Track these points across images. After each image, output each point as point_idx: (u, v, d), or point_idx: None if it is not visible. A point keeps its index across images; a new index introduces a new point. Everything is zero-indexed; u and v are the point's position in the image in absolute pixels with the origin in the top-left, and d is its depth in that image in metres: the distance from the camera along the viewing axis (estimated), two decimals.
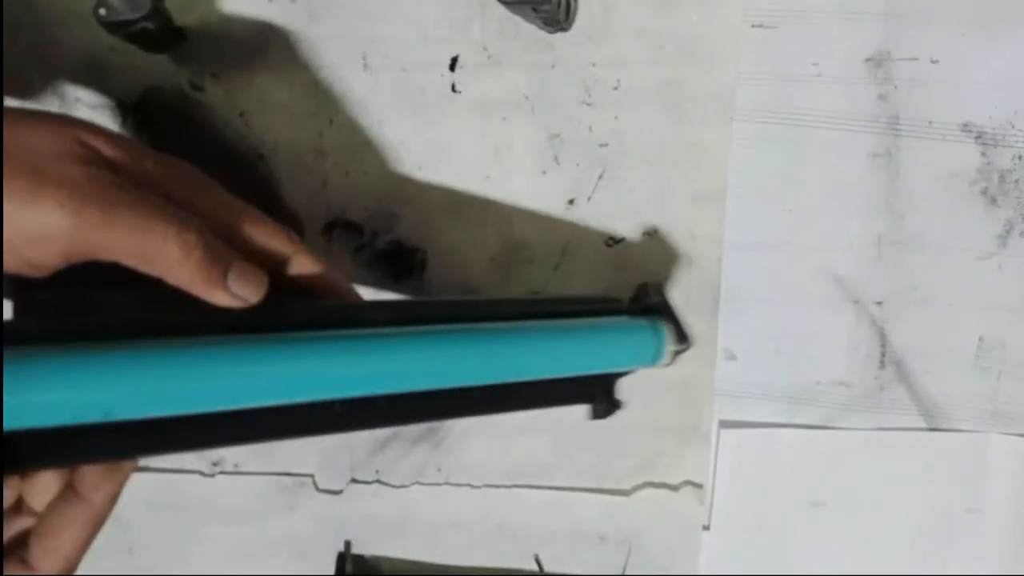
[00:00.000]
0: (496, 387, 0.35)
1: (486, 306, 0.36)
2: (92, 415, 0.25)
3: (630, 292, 0.44)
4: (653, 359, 0.40)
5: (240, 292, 0.28)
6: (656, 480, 0.49)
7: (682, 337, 0.42)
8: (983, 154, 0.44)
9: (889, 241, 0.45)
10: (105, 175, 0.26)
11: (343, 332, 0.31)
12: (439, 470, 0.50)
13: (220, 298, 0.28)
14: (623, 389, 0.46)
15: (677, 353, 0.42)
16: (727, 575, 0.50)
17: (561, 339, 0.37)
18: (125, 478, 0.31)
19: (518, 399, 0.37)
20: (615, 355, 0.39)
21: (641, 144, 0.45)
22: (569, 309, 0.39)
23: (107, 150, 0.27)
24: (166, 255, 0.26)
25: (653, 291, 0.42)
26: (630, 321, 0.40)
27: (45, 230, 0.25)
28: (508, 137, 0.45)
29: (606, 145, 0.45)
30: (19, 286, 0.26)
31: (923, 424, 0.47)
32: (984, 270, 0.45)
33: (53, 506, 0.30)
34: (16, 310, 0.26)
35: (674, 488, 0.49)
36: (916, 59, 0.43)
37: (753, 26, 0.43)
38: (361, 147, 0.45)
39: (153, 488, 0.52)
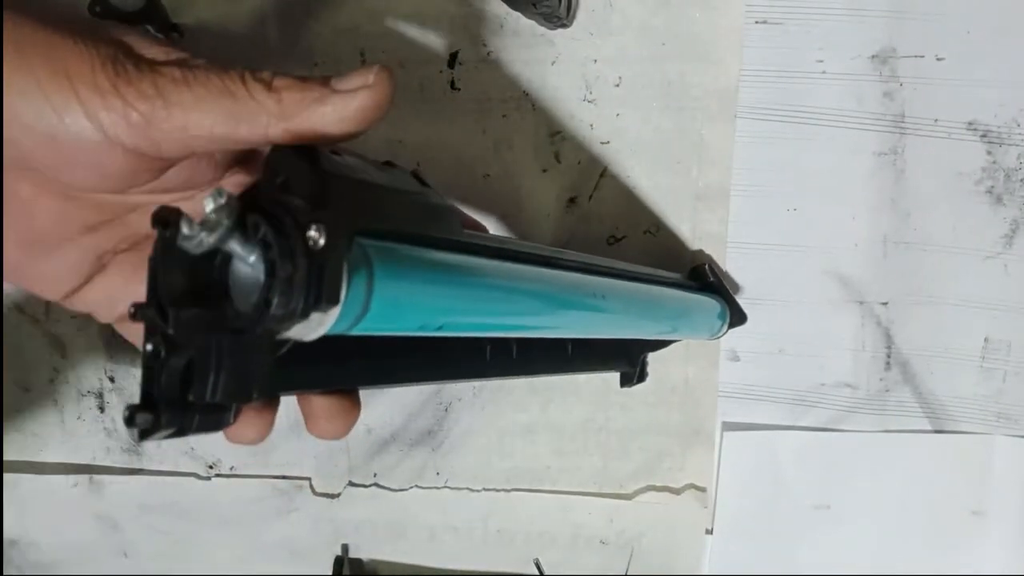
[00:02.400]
0: (581, 344, 0.37)
1: (606, 261, 0.38)
2: (432, 325, 0.24)
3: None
4: (714, 332, 0.44)
5: (353, 84, 0.24)
6: (658, 483, 0.49)
7: (739, 316, 0.44)
8: (989, 152, 0.43)
9: (894, 241, 0.45)
10: (179, 53, 0.24)
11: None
12: (438, 473, 0.50)
13: (338, 105, 0.24)
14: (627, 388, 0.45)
15: (729, 328, 0.44)
16: None
17: (677, 304, 0.40)
18: None
19: (584, 361, 0.39)
20: (699, 323, 0.42)
21: (643, 142, 0.44)
22: (658, 276, 0.41)
23: (148, 44, 0.25)
24: (254, 95, 0.23)
25: (711, 271, 0.44)
26: (705, 298, 0.43)
27: (131, 115, 0.22)
28: (508, 134, 0.44)
29: (608, 143, 0.44)
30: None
31: (928, 426, 0.47)
32: (990, 270, 0.45)
33: None
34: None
35: (677, 491, 0.49)
36: (922, 56, 0.42)
37: (756, 22, 0.42)
38: (358, 144, 0.44)
39: (148, 491, 0.51)
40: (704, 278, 0.44)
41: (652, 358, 0.45)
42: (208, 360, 0.19)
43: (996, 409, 0.46)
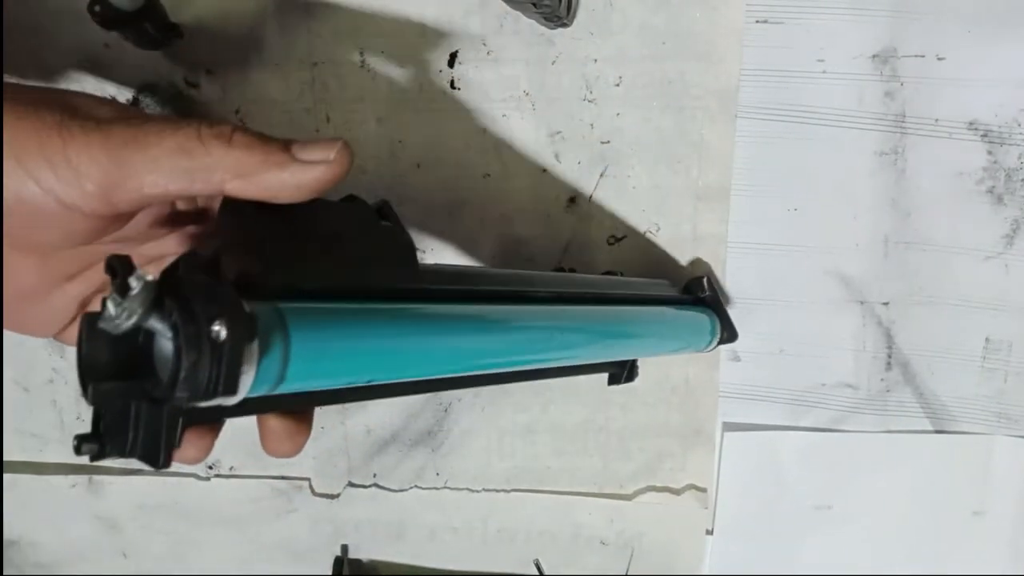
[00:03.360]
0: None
1: (585, 284, 0.38)
2: (359, 380, 0.25)
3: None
4: (700, 348, 0.43)
5: (314, 156, 0.24)
6: (659, 484, 0.49)
7: (730, 333, 0.44)
8: (989, 152, 0.43)
9: (895, 240, 0.44)
10: (130, 110, 0.25)
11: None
12: (438, 474, 0.50)
13: (296, 173, 0.24)
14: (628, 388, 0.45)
15: (719, 344, 0.44)
16: None
17: (656, 325, 0.40)
18: None
19: (567, 368, 0.39)
20: (682, 341, 0.42)
21: (643, 142, 0.44)
22: (643, 294, 0.41)
23: (96, 104, 0.25)
24: (211, 152, 0.23)
25: (707, 285, 0.44)
26: (695, 313, 0.43)
27: (86, 185, 0.23)
28: (508, 134, 0.44)
29: (608, 142, 0.44)
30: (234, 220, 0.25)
31: (929, 427, 0.47)
32: (991, 270, 0.45)
33: None
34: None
35: (677, 492, 0.49)
36: (922, 56, 0.42)
37: (757, 22, 0.42)
38: (358, 144, 0.44)
39: (148, 491, 0.51)
40: (699, 291, 0.44)
41: (653, 360, 0.45)
42: (126, 422, 0.22)
43: (997, 409, 0.46)
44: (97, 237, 0.25)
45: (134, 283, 0.20)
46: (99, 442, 0.22)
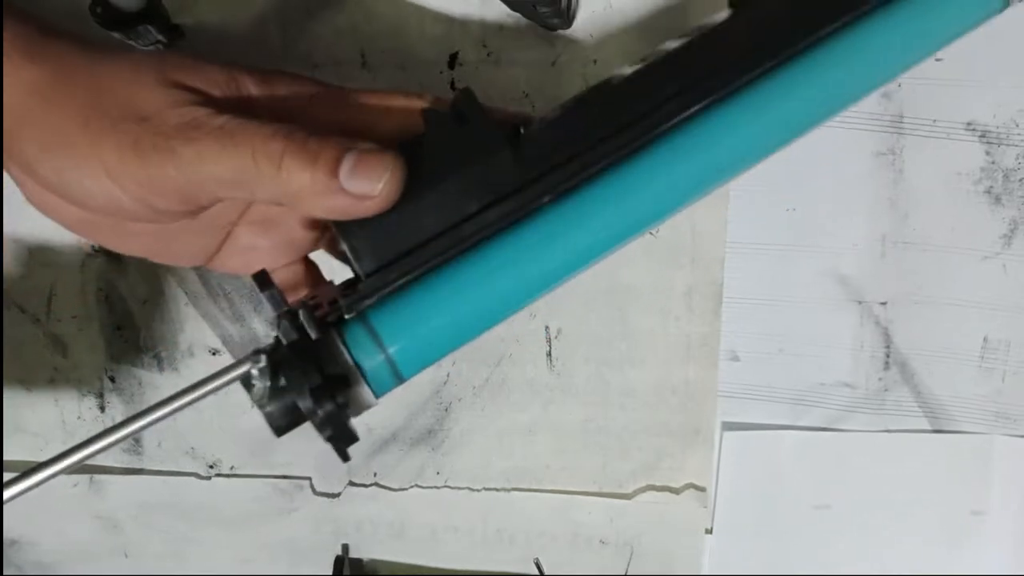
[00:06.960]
0: None
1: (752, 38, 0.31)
2: (488, 327, 0.28)
3: None
4: (997, 8, 0.33)
5: (361, 188, 0.25)
6: (658, 483, 0.49)
7: None
8: (987, 153, 0.43)
9: (893, 240, 0.45)
10: (195, 112, 0.26)
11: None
12: (438, 473, 0.50)
13: (340, 202, 0.25)
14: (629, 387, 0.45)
15: None
16: None
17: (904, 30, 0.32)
18: None
19: None
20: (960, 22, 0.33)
21: None
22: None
23: (196, 83, 0.27)
24: (263, 175, 0.25)
25: None
26: None
27: (168, 195, 0.26)
28: None
29: None
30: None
31: (927, 426, 0.47)
32: (989, 270, 0.45)
33: None
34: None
35: (676, 491, 0.49)
36: None
37: None
38: None
39: (149, 490, 0.51)
40: None
41: (652, 360, 0.45)
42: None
43: (995, 409, 0.47)
44: (186, 215, 0.28)
45: (254, 370, 0.25)
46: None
